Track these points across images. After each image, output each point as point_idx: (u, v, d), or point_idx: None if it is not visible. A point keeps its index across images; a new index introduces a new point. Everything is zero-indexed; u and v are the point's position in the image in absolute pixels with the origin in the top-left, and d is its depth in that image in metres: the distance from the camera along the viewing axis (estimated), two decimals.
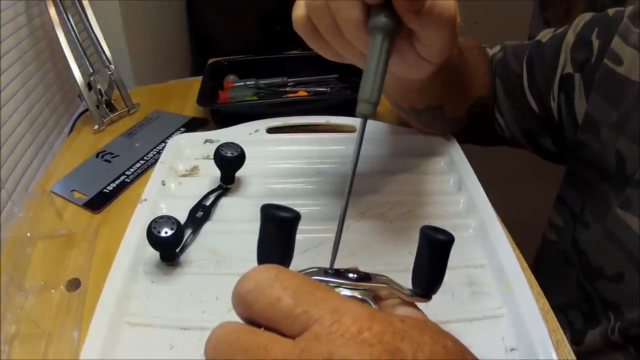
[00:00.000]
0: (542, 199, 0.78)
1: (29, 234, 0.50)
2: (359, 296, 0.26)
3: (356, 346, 0.20)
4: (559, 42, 0.56)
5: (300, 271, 0.27)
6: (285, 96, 0.77)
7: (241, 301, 0.23)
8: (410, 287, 0.28)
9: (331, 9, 0.34)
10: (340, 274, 0.27)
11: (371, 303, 0.26)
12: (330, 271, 0.27)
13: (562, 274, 0.58)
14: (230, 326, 0.22)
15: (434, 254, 0.27)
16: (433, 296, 0.29)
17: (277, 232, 0.26)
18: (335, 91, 0.77)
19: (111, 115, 0.73)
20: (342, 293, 0.26)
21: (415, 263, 0.28)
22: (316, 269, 0.27)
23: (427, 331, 0.22)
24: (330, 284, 0.26)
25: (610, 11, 0.53)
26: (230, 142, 0.52)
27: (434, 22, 0.33)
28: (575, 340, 0.54)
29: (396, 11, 0.32)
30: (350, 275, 0.27)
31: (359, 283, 0.27)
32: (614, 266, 0.49)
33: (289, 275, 0.23)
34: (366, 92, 0.32)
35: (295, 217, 0.26)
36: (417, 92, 0.50)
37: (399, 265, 0.44)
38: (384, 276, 0.28)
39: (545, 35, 0.59)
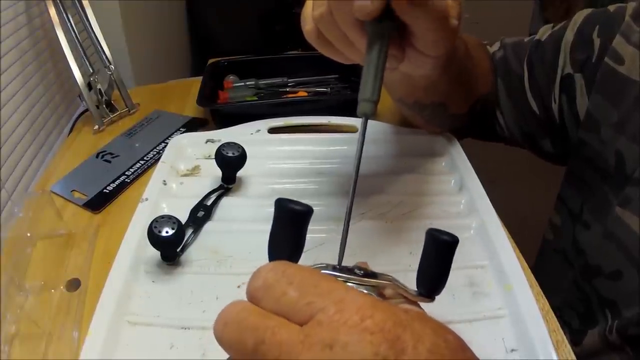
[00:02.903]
0: (543, 198, 0.78)
1: (29, 234, 0.50)
2: (365, 292, 0.27)
3: (357, 334, 0.21)
4: (558, 41, 0.55)
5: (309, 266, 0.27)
6: (285, 96, 0.77)
7: (251, 298, 0.24)
8: (414, 287, 0.29)
9: (337, 22, 0.35)
10: (347, 270, 0.28)
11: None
12: (337, 267, 0.28)
13: (560, 273, 0.58)
14: (242, 305, 0.23)
15: (438, 255, 0.28)
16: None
17: (290, 225, 0.27)
18: (335, 91, 0.77)
19: (111, 115, 0.73)
20: None
21: (420, 264, 0.29)
22: (324, 265, 0.28)
23: (429, 324, 0.23)
24: (338, 279, 0.27)
25: (611, 7, 0.52)
26: (232, 142, 0.52)
27: (423, 12, 0.34)
28: (574, 341, 0.53)
29: (390, 11, 0.33)
30: (357, 271, 0.28)
31: (365, 279, 0.27)
32: (612, 264, 0.49)
33: (295, 270, 0.23)
34: (366, 92, 0.33)
35: (308, 211, 0.26)
36: (424, 89, 0.51)
37: (399, 266, 0.44)
38: (389, 275, 0.28)
39: (544, 32, 0.58)
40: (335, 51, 0.39)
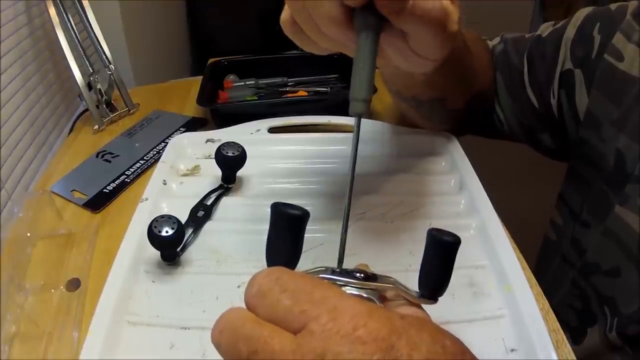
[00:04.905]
0: (544, 199, 0.78)
1: (29, 234, 0.50)
2: (365, 295, 0.27)
3: (349, 344, 0.20)
4: (559, 37, 0.56)
5: (308, 270, 0.27)
6: (285, 96, 0.77)
7: (248, 305, 0.24)
8: (414, 288, 0.28)
9: (311, 12, 0.34)
10: (347, 273, 0.27)
11: (377, 302, 0.26)
12: (337, 270, 0.27)
13: (559, 272, 0.58)
14: (239, 312, 0.23)
15: (441, 256, 0.28)
16: None
17: (287, 230, 0.27)
18: (335, 91, 0.77)
19: (111, 115, 0.73)
20: (348, 292, 0.26)
21: (421, 265, 0.28)
22: (324, 268, 0.27)
23: (426, 329, 0.22)
24: (338, 283, 0.26)
25: (613, 6, 0.53)
26: (232, 142, 0.52)
27: (419, 22, 0.34)
28: (574, 340, 0.53)
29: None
30: (357, 274, 0.27)
31: (366, 283, 0.27)
32: (611, 261, 0.49)
33: (290, 277, 0.23)
34: (357, 91, 0.32)
35: (304, 215, 0.26)
36: (422, 84, 0.50)
37: (399, 266, 0.44)
38: (391, 277, 0.28)
39: (545, 29, 0.59)
40: (312, 43, 0.38)
